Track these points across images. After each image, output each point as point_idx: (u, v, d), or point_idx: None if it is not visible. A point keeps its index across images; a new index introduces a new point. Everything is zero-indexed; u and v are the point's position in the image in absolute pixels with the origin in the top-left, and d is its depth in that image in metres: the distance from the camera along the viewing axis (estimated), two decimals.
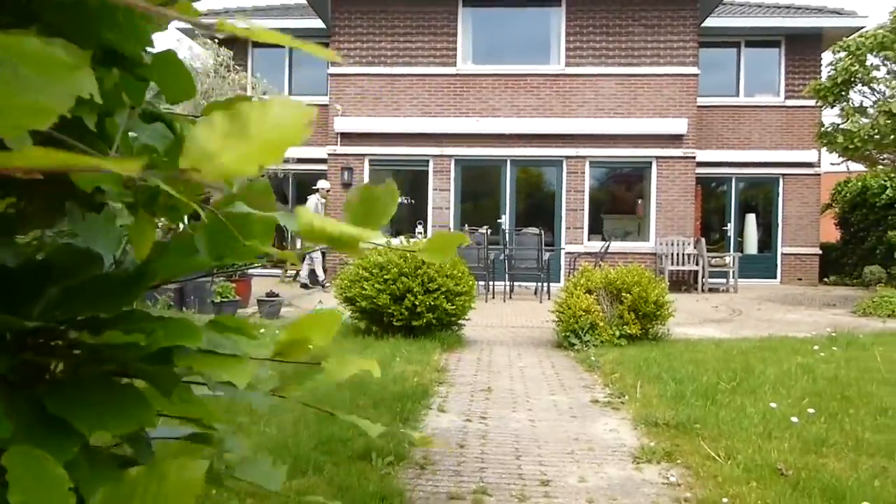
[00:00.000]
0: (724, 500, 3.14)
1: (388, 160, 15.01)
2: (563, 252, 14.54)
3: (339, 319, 0.85)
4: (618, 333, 7.02)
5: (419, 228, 14.80)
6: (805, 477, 3.36)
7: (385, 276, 7.01)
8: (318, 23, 15.81)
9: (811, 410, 4.44)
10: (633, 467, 3.69)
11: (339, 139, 14.97)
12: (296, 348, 0.78)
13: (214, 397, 0.86)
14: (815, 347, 6.72)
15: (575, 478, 3.54)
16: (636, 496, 3.30)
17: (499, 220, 14.99)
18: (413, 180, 15.24)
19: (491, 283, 12.38)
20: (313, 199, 13.58)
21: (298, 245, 16.03)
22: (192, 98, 0.70)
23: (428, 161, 15.06)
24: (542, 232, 12.61)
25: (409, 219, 15.00)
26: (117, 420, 0.61)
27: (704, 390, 4.99)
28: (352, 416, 0.97)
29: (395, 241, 8.17)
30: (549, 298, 11.75)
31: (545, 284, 12.40)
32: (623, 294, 7.11)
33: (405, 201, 15.12)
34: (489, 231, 13.19)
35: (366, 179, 14.96)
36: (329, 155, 15.06)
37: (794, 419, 4.23)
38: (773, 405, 4.55)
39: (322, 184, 13.93)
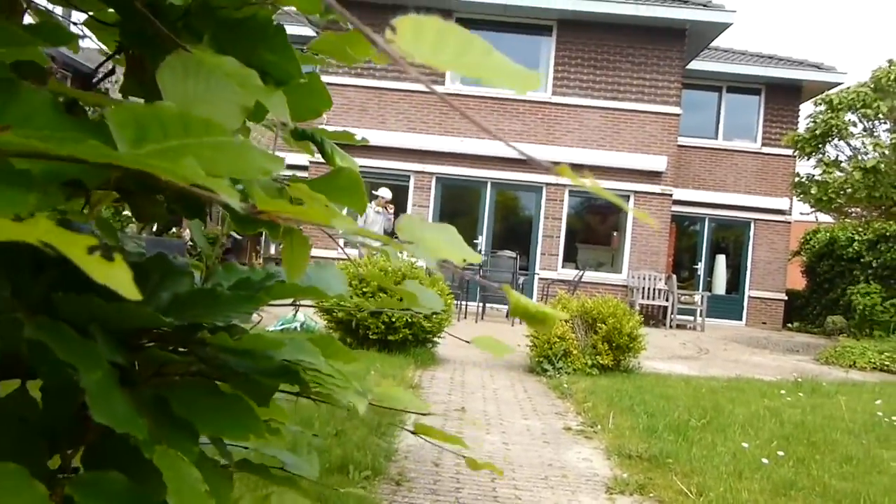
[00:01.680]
0: None
1: (369, 172, 15.01)
2: (536, 277, 14.64)
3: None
4: (590, 362, 7.07)
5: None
6: None
7: (364, 289, 6.99)
8: (307, 31, 15.82)
9: (781, 453, 4.52)
10: (605, 497, 3.71)
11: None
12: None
13: None
14: (782, 391, 6.84)
15: None
16: None
17: (475, 241, 15.05)
18: (393, 195, 15.25)
19: (464, 302, 12.40)
20: (370, 210, 12.18)
21: (273, 250, 15.76)
22: (324, 113, 0.72)
23: (409, 177, 15.10)
24: (518, 256, 12.69)
25: (387, 233, 14.99)
26: (233, 427, 0.61)
27: (676, 426, 5.05)
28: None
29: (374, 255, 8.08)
30: (520, 322, 11.80)
31: None
32: (598, 324, 7.18)
33: None
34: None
35: None
36: (310, 162, 15.01)
37: (765, 460, 4.30)
38: (745, 445, 4.62)
39: (382, 192, 12.84)
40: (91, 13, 0.88)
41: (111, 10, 0.84)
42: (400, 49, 0.33)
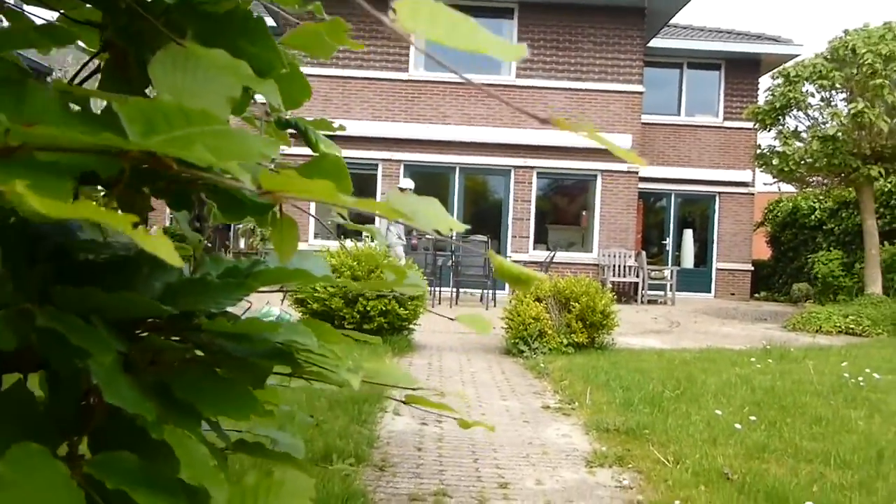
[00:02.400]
0: (676, 502, 3.26)
1: None
2: (509, 260, 14.72)
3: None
4: (565, 341, 7.17)
5: (366, 233, 14.78)
6: (750, 481, 3.51)
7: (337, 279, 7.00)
8: (269, 21, 15.64)
9: (753, 418, 4.65)
10: (586, 471, 3.79)
11: None
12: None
13: None
14: (752, 359, 7.01)
15: (532, 480, 3.62)
16: (591, 499, 3.40)
17: None
18: (361, 184, 15.21)
19: (437, 289, 12.45)
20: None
21: (242, 244, 15.59)
22: (305, 102, 0.74)
23: (377, 165, 15.06)
24: (489, 239, 12.76)
25: (356, 223, 14.95)
26: (234, 408, 0.64)
27: (651, 398, 5.16)
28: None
29: (348, 244, 8.12)
30: (494, 305, 11.89)
31: (491, 291, 12.54)
32: (571, 303, 7.27)
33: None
34: (436, 237, 13.26)
35: None
36: (282, 156, 14.87)
37: (738, 426, 4.42)
38: (718, 413, 4.74)
39: (406, 183, 12.81)
40: (62, 11, 0.90)
41: (88, 6, 0.86)
42: (403, 27, 0.37)
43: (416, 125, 14.92)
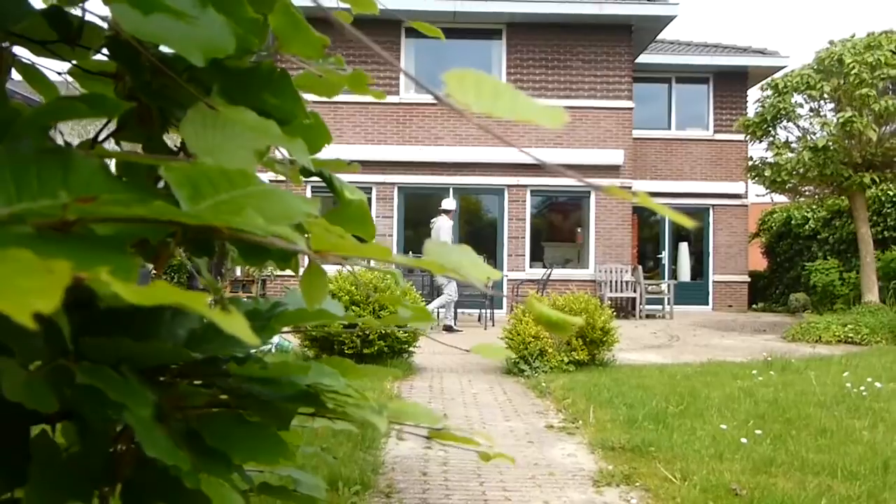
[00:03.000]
0: None
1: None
2: (505, 279, 14.74)
3: None
4: (566, 359, 7.16)
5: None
6: (758, 496, 3.50)
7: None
8: None
9: (758, 432, 4.64)
10: (593, 491, 3.77)
11: None
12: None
13: None
14: (754, 372, 7.00)
15: (539, 502, 3.60)
16: None
17: None
18: None
19: (434, 310, 12.42)
20: (446, 224, 11.47)
21: (238, 272, 15.52)
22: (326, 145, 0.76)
23: (371, 188, 15.10)
24: (485, 259, 12.75)
25: None
26: (264, 454, 0.64)
27: (655, 414, 5.15)
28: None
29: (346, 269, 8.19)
30: (493, 325, 11.88)
31: (489, 311, 12.53)
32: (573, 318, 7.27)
33: None
34: None
35: None
36: (270, 181, 14.90)
37: (744, 440, 4.41)
38: (724, 427, 4.74)
39: (448, 204, 12.01)
40: (74, 62, 0.91)
41: (98, 57, 0.87)
42: (456, 101, 0.38)
43: (408, 147, 14.99)
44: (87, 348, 0.61)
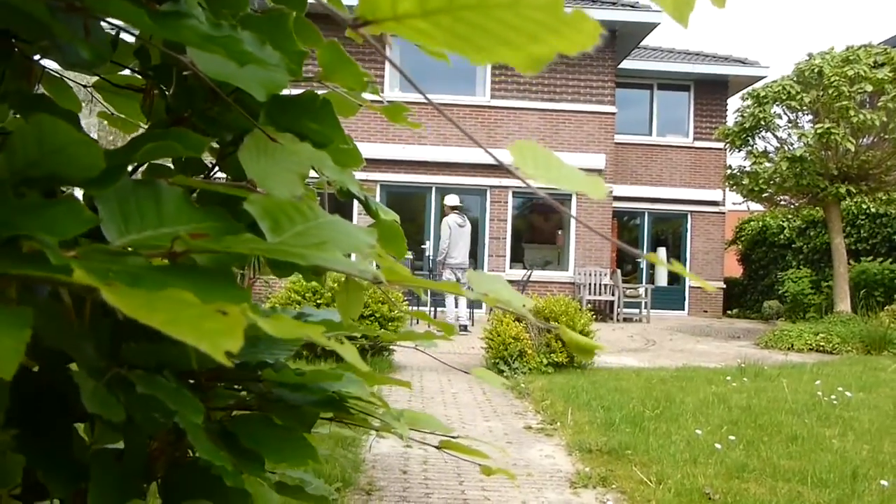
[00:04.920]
0: None
1: (313, 185, 14.94)
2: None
3: None
4: (545, 361, 7.24)
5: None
6: (731, 501, 3.59)
7: (318, 301, 7.01)
8: None
9: (731, 437, 4.74)
10: (570, 492, 3.84)
11: None
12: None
13: None
14: (728, 378, 7.13)
15: (517, 502, 3.66)
16: None
17: (423, 246, 15.14)
18: (338, 206, 15.23)
19: (415, 308, 12.46)
20: (453, 223, 11.47)
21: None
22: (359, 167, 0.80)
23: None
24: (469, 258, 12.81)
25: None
26: (294, 456, 0.68)
27: (632, 417, 5.23)
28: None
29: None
30: (472, 325, 11.94)
31: (470, 311, 12.57)
32: (551, 322, 7.35)
33: None
34: (413, 257, 13.34)
35: None
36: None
37: (718, 445, 4.51)
38: (698, 432, 4.83)
39: (452, 200, 11.93)
40: (101, 75, 0.94)
41: (128, 72, 0.90)
42: (522, 171, 0.43)
43: (392, 146, 15.00)
44: (129, 354, 0.64)
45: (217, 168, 0.80)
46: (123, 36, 0.88)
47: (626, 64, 16.54)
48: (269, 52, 0.52)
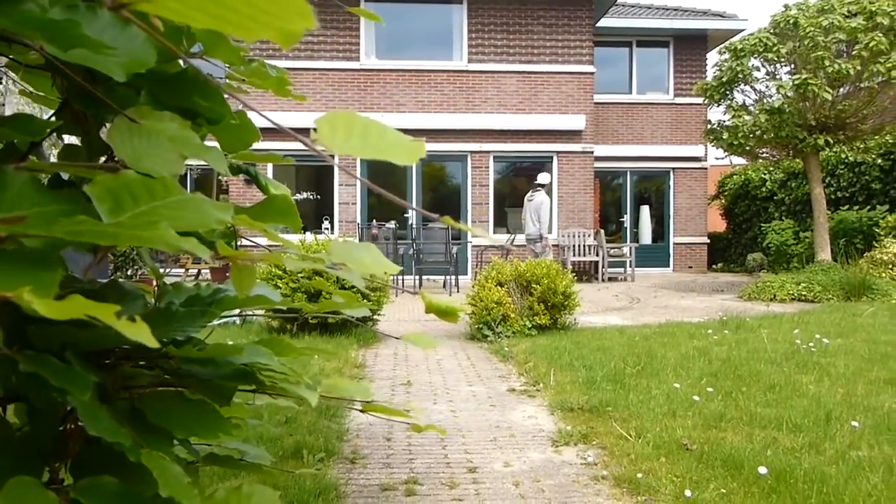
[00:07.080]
0: (639, 475, 3.39)
1: (291, 156, 14.82)
2: (469, 245, 14.85)
3: None
4: (528, 324, 7.29)
5: (325, 224, 14.76)
6: (708, 450, 3.66)
7: (300, 275, 7.00)
8: None
9: (710, 389, 4.81)
10: (552, 450, 3.90)
11: None
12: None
13: None
14: (709, 331, 7.22)
15: (500, 463, 3.72)
16: (558, 476, 3.51)
17: (406, 215, 15.12)
18: (318, 176, 15.17)
19: (400, 277, 12.50)
20: (546, 200, 12.21)
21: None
22: (253, 144, 0.80)
23: (333, 156, 14.99)
24: (449, 226, 12.84)
25: (315, 214, 14.91)
26: (204, 429, 0.69)
27: (613, 375, 5.30)
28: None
29: (309, 237, 8.10)
30: (457, 291, 12.00)
31: (453, 277, 12.63)
32: (533, 286, 7.40)
33: (311, 197, 15.03)
34: (396, 226, 13.33)
35: (269, 175, 14.74)
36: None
37: (696, 398, 4.58)
38: (677, 386, 4.90)
39: (544, 178, 12.50)
40: (11, 56, 0.93)
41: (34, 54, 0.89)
42: (326, 146, 0.43)
43: (369, 114, 14.58)
44: (35, 336, 0.65)
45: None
46: None
47: (604, 22, 16.41)
48: (133, 32, 0.51)
